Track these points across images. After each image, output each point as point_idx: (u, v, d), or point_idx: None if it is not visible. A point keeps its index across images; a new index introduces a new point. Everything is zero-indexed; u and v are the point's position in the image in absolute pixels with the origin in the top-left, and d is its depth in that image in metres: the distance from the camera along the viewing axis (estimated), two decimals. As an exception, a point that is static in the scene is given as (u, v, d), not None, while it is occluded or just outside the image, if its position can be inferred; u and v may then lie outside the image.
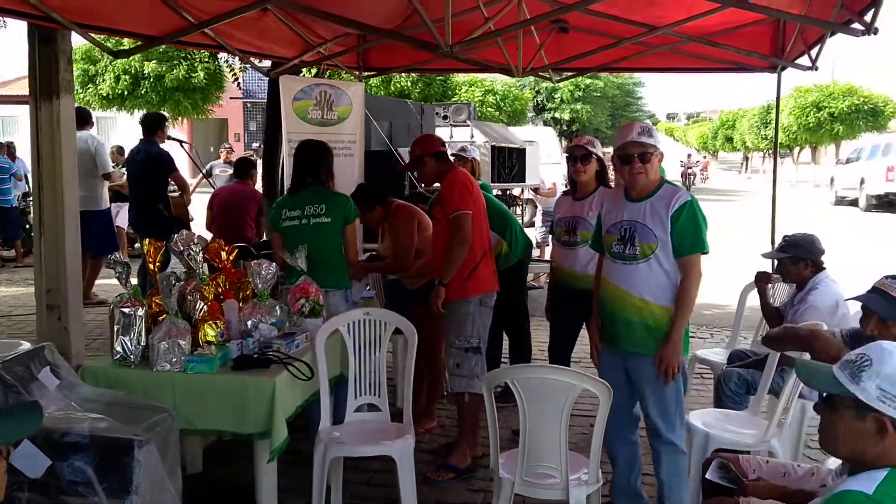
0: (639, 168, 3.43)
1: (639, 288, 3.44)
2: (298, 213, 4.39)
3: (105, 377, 3.50)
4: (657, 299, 3.43)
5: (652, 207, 3.46)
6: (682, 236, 3.38)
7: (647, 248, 3.42)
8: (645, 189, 3.49)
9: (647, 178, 3.46)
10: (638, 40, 5.37)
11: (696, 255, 3.40)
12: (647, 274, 3.43)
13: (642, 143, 3.43)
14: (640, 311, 3.44)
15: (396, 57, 6.71)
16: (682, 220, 3.38)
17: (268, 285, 3.95)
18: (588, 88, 32.36)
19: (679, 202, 3.41)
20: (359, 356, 3.90)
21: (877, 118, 30.91)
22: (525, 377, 2.92)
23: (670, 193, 3.46)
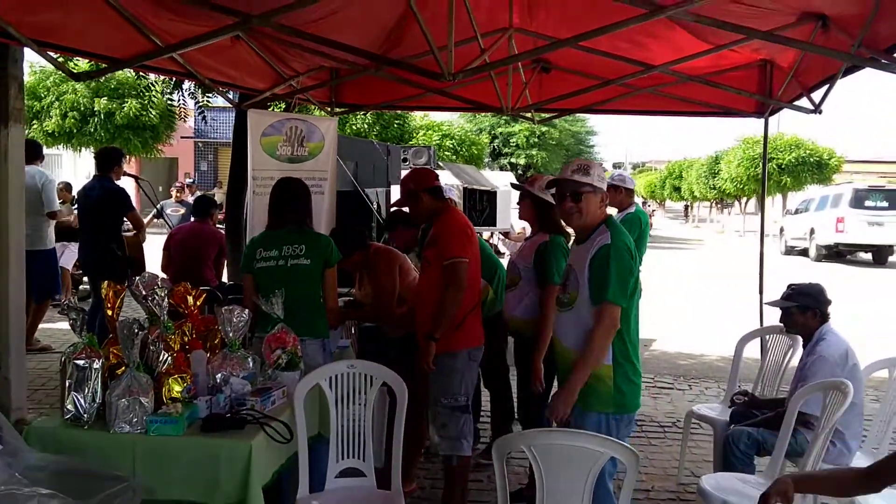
0: (570, 207, 3.22)
1: (567, 336, 3.25)
2: (275, 254, 4.03)
3: (54, 439, 3.06)
4: (577, 346, 3.18)
5: (580, 252, 3.25)
6: (594, 282, 3.13)
7: (573, 296, 3.22)
8: (584, 232, 3.28)
9: (581, 219, 3.23)
10: (623, 81, 5.20)
11: (606, 304, 3.08)
12: (571, 322, 3.23)
13: (575, 181, 3.21)
14: (570, 362, 3.21)
15: (370, 93, 6.43)
16: (596, 265, 3.14)
17: (239, 334, 3.56)
18: (543, 135, 32.55)
19: (596, 246, 3.16)
20: (341, 414, 3.52)
21: (822, 170, 31.71)
22: (544, 443, 2.58)
23: (597, 236, 3.21)
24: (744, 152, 33.15)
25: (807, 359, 3.88)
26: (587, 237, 3.26)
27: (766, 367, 4.80)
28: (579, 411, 3.19)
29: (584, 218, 3.24)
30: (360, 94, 6.47)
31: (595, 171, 3.27)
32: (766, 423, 3.93)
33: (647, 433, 5.91)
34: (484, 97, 5.68)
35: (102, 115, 19.85)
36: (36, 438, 3.04)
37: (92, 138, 20.46)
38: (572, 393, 3.14)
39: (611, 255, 3.12)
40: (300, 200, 4.12)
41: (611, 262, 3.11)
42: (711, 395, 6.99)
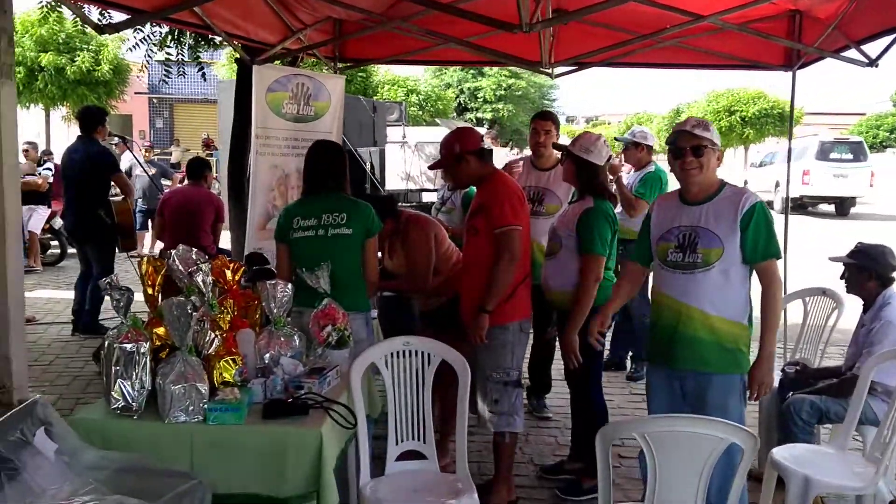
0: (690, 161, 3.08)
1: (700, 299, 3.10)
2: (314, 223, 3.73)
3: (101, 432, 2.80)
4: (719, 311, 3.09)
5: (716, 210, 3.10)
6: (756, 241, 3.04)
7: (710, 255, 3.07)
8: (703, 190, 3.14)
9: (702, 176, 3.09)
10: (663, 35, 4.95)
11: (772, 260, 3.08)
12: (708, 284, 3.09)
13: (696, 135, 3.07)
14: (705, 326, 3.10)
15: (375, 47, 6.08)
16: (753, 224, 3.03)
17: (284, 310, 3.32)
18: (510, 88, 32.20)
19: (748, 203, 3.05)
20: (399, 394, 3.31)
21: (784, 122, 31.99)
22: (659, 431, 2.41)
23: (737, 194, 3.11)
24: (707, 105, 33.30)
25: (872, 324, 3.76)
26: (709, 196, 3.12)
27: (806, 330, 4.70)
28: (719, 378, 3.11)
29: (704, 175, 3.10)
30: (365, 48, 6.12)
31: (713, 129, 3.15)
32: (828, 390, 3.82)
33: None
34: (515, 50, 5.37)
35: (52, 71, 19.00)
36: (81, 430, 2.76)
37: (42, 95, 19.65)
38: (771, 360, 3.10)
39: (766, 212, 3.06)
40: (339, 164, 3.83)
41: (769, 219, 3.06)
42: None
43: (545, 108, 40.32)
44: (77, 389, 5.34)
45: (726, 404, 3.09)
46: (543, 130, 5.00)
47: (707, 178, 3.13)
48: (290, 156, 5.65)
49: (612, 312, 3.67)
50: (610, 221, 3.86)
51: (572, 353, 3.79)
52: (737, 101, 32.25)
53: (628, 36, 5.13)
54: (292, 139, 5.63)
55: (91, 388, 5.36)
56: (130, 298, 2.89)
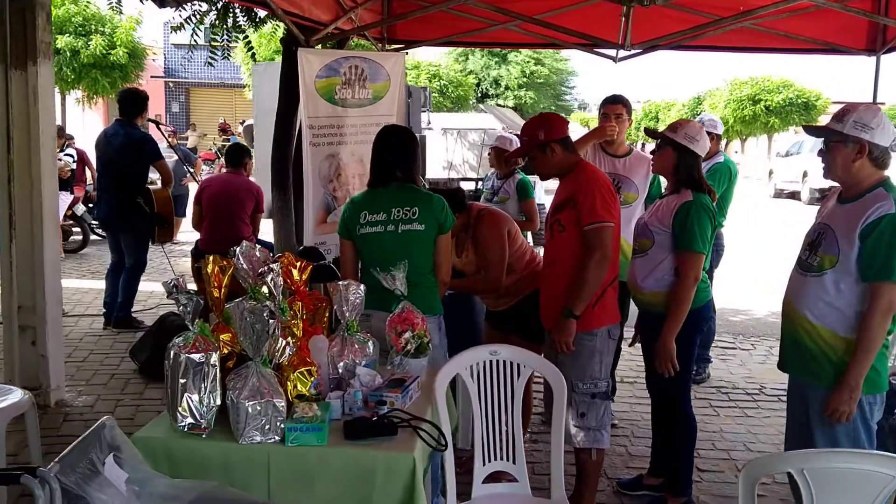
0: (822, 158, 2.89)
1: (804, 304, 2.90)
2: (383, 217, 3.43)
3: (167, 453, 2.51)
4: (823, 321, 2.84)
5: (849, 214, 2.80)
6: (872, 257, 2.70)
7: (826, 261, 2.83)
8: (848, 188, 2.86)
9: (829, 173, 2.87)
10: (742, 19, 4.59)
11: (888, 284, 2.70)
12: (816, 290, 2.86)
13: (826, 129, 2.83)
14: (807, 332, 2.89)
15: (427, 28, 5.74)
16: (874, 237, 2.69)
17: (356, 313, 3.01)
18: (532, 75, 31.68)
19: (877, 214, 2.71)
20: (486, 409, 3.00)
21: (809, 112, 31.42)
22: (822, 467, 2.08)
23: (872, 200, 2.75)
24: (731, 93, 32.69)
25: None
26: (855, 197, 2.82)
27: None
28: (825, 393, 2.83)
29: (833, 172, 2.86)
30: (416, 29, 5.78)
31: (851, 117, 2.77)
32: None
33: (736, 402, 5.50)
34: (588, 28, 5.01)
35: (68, 54, 18.78)
36: (143, 451, 2.46)
37: (57, 78, 19.41)
38: (857, 388, 2.77)
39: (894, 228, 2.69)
40: (409, 152, 3.52)
41: (894, 238, 2.68)
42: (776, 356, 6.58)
43: (565, 95, 39.91)
44: (116, 389, 5.05)
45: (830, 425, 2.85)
46: (615, 114, 4.67)
47: (840, 174, 2.84)
48: (349, 143, 5.33)
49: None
50: (711, 216, 3.52)
51: (670, 361, 3.48)
52: (761, 90, 31.67)
53: (704, 19, 4.77)
54: (350, 126, 5.31)
55: (129, 389, 5.07)
56: (200, 303, 2.58)
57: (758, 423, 5.08)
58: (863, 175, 2.80)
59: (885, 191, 2.77)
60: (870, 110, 2.82)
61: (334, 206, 5.46)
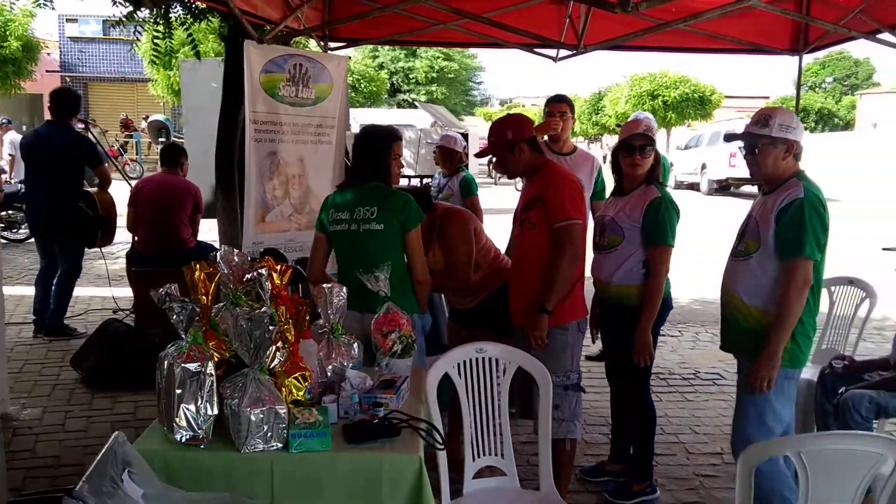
0: (747, 159, 3.20)
1: (737, 287, 3.20)
2: (347, 216, 3.50)
3: (166, 466, 2.44)
4: (753, 301, 3.14)
5: (768, 202, 3.13)
6: (784, 237, 3.02)
7: (751, 246, 3.15)
8: (768, 183, 3.18)
9: (758, 172, 3.17)
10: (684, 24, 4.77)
11: (801, 259, 2.99)
12: (744, 273, 3.17)
13: (751, 133, 3.13)
14: (741, 312, 3.20)
15: (369, 27, 5.71)
16: (786, 219, 3.02)
17: (340, 316, 3.02)
18: (442, 70, 31.82)
19: (789, 198, 3.03)
20: (473, 406, 3.05)
21: (704, 107, 32.79)
22: (817, 449, 2.22)
23: (786, 187, 3.08)
24: (631, 89, 33.77)
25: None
26: (774, 189, 3.12)
27: (832, 319, 4.66)
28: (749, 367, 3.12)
29: (764, 171, 3.14)
30: (359, 27, 5.73)
31: (775, 121, 3.07)
32: (885, 385, 3.76)
33: (675, 387, 5.74)
34: (535, 27, 5.09)
35: (-45, 48, 17.77)
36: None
37: (-57, 72, 18.35)
38: (776, 356, 3.03)
39: (805, 209, 2.98)
40: (380, 152, 3.53)
41: (805, 216, 2.97)
42: (707, 342, 6.92)
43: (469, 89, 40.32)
44: (61, 401, 4.81)
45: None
46: (559, 112, 4.79)
47: (769, 172, 3.14)
48: (290, 142, 5.25)
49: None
50: (677, 211, 3.72)
51: (647, 351, 3.64)
52: (659, 86, 32.82)
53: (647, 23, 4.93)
54: (291, 124, 5.23)
55: (76, 399, 4.84)
56: (195, 311, 2.53)
57: (699, 407, 5.32)
58: (785, 170, 3.12)
59: (798, 178, 3.08)
60: (787, 113, 3.15)
61: (273, 204, 5.38)
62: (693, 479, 4.21)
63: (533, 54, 5.85)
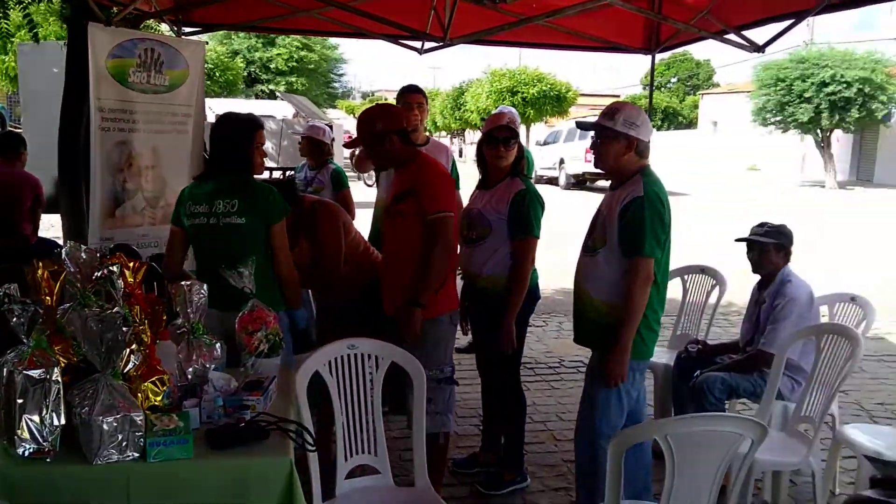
0: (594, 149, 3.26)
1: (586, 281, 3.27)
2: (205, 209, 3.33)
3: (7, 483, 2.23)
4: (600, 295, 3.20)
5: (613, 198, 3.20)
6: (627, 235, 3.09)
7: (598, 242, 3.22)
8: (614, 177, 3.26)
9: (601, 164, 3.23)
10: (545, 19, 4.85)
11: (641, 258, 3.05)
12: (593, 268, 3.24)
13: (598, 125, 3.18)
14: (590, 306, 3.26)
15: (226, 11, 5.45)
16: (627, 217, 3.08)
17: (200, 315, 2.86)
18: (302, 60, 31.13)
19: (628, 196, 3.10)
20: (346, 404, 2.96)
21: (561, 104, 33.89)
22: (683, 432, 2.29)
23: (629, 185, 3.14)
24: (491, 85, 34.40)
25: (776, 301, 3.91)
26: (619, 184, 3.17)
27: (686, 306, 4.89)
28: (599, 358, 3.20)
29: (605, 163, 3.20)
30: (215, 12, 5.46)
31: (621, 116, 3.11)
32: (735, 367, 3.96)
33: (541, 376, 5.87)
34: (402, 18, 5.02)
35: None
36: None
37: None
38: (625, 352, 3.08)
39: (645, 207, 3.03)
40: (242, 141, 3.36)
41: (644, 215, 3.02)
42: (570, 331, 7.09)
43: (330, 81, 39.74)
44: None
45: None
46: (416, 103, 4.77)
47: (611, 165, 3.19)
48: (141, 131, 4.93)
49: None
50: (542, 202, 3.78)
51: (512, 340, 3.70)
52: (518, 82, 33.62)
53: (509, 18, 4.98)
54: (143, 112, 4.91)
55: None
56: (38, 312, 2.30)
57: (564, 395, 5.45)
58: (629, 165, 3.17)
59: (641, 176, 3.14)
60: (634, 109, 3.21)
61: (124, 197, 5.06)
62: (561, 465, 4.31)
63: (397, 45, 5.81)
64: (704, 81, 57.70)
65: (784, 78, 26.52)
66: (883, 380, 5.96)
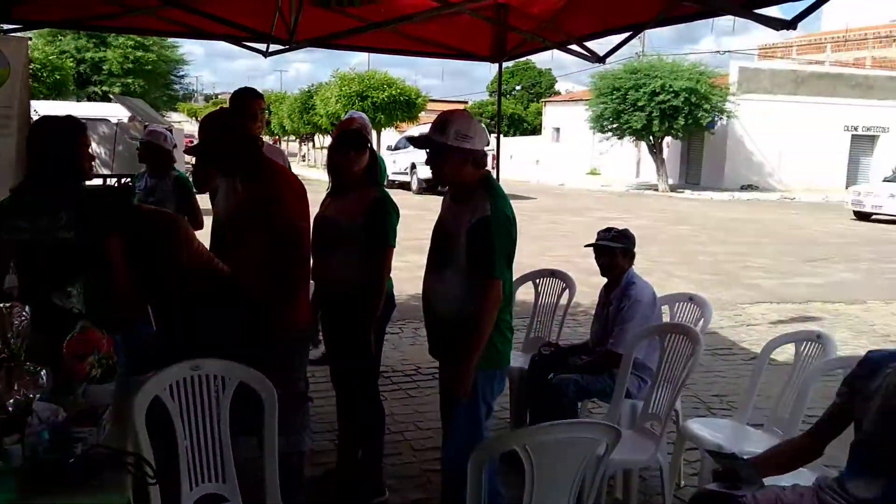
0: (429, 164, 3.17)
1: (435, 296, 3.25)
2: (27, 224, 3.03)
3: None
4: (449, 311, 3.18)
5: (460, 214, 3.14)
6: (474, 256, 3.06)
7: (446, 258, 3.18)
8: (457, 190, 3.20)
9: (441, 178, 3.16)
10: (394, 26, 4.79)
11: (490, 280, 3.01)
12: (441, 283, 3.21)
13: (428, 139, 3.07)
14: (440, 321, 3.26)
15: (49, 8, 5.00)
16: (474, 238, 3.04)
17: (22, 340, 2.59)
18: (139, 60, 29.46)
19: (476, 215, 3.05)
20: (190, 429, 2.76)
21: (411, 109, 34.08)
22: (542, 440, 2.28)
23: (476, 202, 3.08)
24: (340, 89, 34.07)
25: (622, 303, 4.04)
26: (463, 199, 3.12)
27: (538, 308, 4.98)
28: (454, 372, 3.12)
29: (443, 178, 3.15)
30: (36, 8, 4.99)
31: (452, 129, 3.01)
32: (586, 368, 4.06)
33: (398, 384, 5.81)
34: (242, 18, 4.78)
35: None
36: None
37: None
38: (469, 373, 3.06)
39: (492, 229, 3.00)
40: (66, 148, 3.08)
41: (493, 237, 3.00)
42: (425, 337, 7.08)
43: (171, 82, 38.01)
44: None
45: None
46: (259, 110, 4.60)
47: (451, 178, 3.13)
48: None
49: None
50: (396, 211, 3.76)
51: (369, 350, 3.70)
52: (367, 87, 33.50)
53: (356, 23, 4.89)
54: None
55: None
56: None
57: (422, 402, 5.42)
58: (468, 177, 3.11)
59: (484, 191, 3.08)
60: (466, 119, 3.11)
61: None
62: (421, 475, 4.26)
63: (241, 48, 5.58)
64: (546, 89, 59.91)
65: (619, 87, 28.05)
66: (717, 373, 6.34)
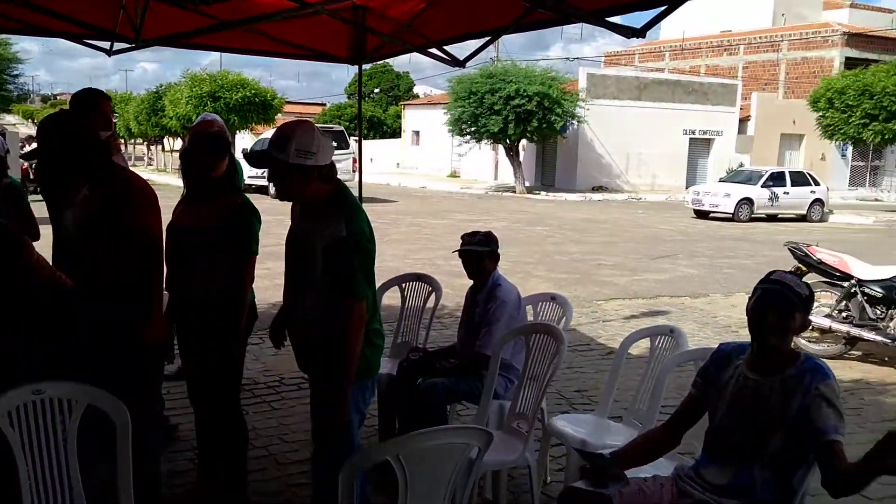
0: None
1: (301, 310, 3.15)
2: None
3: None
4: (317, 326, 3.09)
5: (317, 227, 3.06)
6: (337, 277, 2.98)
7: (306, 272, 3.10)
8: (309, 203, 3.08)
9: (289, 195, 3.06)
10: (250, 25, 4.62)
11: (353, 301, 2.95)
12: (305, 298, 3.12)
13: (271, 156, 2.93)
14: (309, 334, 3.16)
15: None
16: (332, 258, 2.97)
17: None
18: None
19: (331, 234, 2.97)
20: (34, 459, 2.53)
21: (267, 111, 33.22)
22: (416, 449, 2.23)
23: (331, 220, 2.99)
24: (191, 90, 32.73)
25: (489, 304, 4.07)
26: (313, 216, 3.03)
27: (405, 313, 4.95)
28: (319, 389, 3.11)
29: (288, 196, 3.04)
30: None
31: (293, 146, 2.88)
32: (454, 371, 4.06)
33: (261, 396, 5.62)
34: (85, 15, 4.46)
35: None
36: None
37: None
38: (346, 397, 2.99)
39: (350, 251, 2.92)
40: None
41: (352, 258, 2.92)
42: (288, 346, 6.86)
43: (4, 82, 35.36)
44: None
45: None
46: (111, 112, 4.35)
47: (301, 194, 3.03)
48: None
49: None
50: (258, 217, 3.62)
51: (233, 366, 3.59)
52: (220, 87, 32.39)
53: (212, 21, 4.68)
54: None
55: None
56: None
57: (286, 414, 5.26)
58: (316, 193, 3.01)
59: (336, 207, 2.99)
60: (307, 133, 2.93)
61: None
62: (286, 490, 4.13)
63: (82, 45, 5.23)
64: (405, 93, 60.26)
65: (476, 91, 28.58)
66: (578, 368, 6.54)
